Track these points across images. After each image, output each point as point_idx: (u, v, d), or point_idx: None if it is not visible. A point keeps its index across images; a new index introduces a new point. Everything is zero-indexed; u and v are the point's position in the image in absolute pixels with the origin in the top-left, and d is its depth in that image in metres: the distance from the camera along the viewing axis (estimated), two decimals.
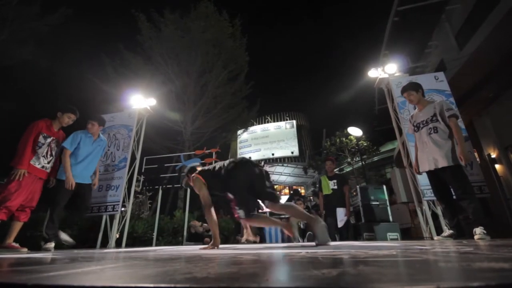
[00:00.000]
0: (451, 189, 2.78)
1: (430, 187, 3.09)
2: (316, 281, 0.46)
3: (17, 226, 2.97)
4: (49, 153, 3.19)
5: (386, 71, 4.50)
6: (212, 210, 2.39)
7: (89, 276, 0.65)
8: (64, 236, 3.22)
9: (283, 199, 8.16)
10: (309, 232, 4.84)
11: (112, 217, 4.33)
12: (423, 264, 0.69)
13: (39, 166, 3.09)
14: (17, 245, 2.91)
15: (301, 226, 4.96)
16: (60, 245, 3.53)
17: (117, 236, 4.35)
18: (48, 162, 3.19)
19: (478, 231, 2.44)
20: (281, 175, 24.55)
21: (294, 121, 24.60)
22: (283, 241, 5.93)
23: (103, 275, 0.65)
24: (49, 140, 3.21)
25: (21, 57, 10.49)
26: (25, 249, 2.90)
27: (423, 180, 3.50)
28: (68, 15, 10.82)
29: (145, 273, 0.66)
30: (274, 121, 25.16)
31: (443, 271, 0.56)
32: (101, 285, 0.49)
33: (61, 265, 0.97)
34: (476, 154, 5.22)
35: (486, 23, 6.03)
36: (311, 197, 10.77)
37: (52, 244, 3.04)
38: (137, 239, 5.03)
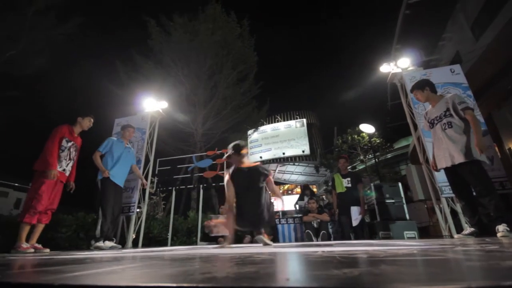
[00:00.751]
0: (470, 186, 2.69)
1: (448, 183, 2.99)
2: (338, 281, 0.45)
3: (40, 228, 3.09)
4: (68, 156, 3.32)
5: (399, 65, 4.39)
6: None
7: (111, 276, 0.66)
8: (108, 244, 3.48)
9: (295, 198, 8.06)
10: (322, 231, 4.79)
11: (128, 218, 4.43)
12: (449, 263, 0.67)
13: (60, 169, 3.21)
14: (40, 246, 3.03)
15: (315, 225, 4.91)
16: (77, 246, 3.65)
17: (134, 236, 4.45)
18: (67, 165, 3.32)
19: (501, 228, 2.34)
20: (292, 174, 24.41)
21: (305, 120, 24.29)
22: (296, 241, 5.89)
23: (125, 275, 0.66)
24: (70, 144, 3.35)
25: (37, 65, 10.87)
26: (48, 250, 3.01)
27: (440, 177, 3.39)
28: (81, 24, 11.14)
29: (166, 273, 0.67)
30: (284, 120, 24.97)
31: (471, 270, 0.54)
32: (125, 285, 0.50)
33: (83, 265, 1.00)
34: (496, 148, 5.00)
35: (503, 12, 5.78)
36: (323, 196, 10.62)
37: (106, 243, 3.32)
38: (152, 239, 5.13)
